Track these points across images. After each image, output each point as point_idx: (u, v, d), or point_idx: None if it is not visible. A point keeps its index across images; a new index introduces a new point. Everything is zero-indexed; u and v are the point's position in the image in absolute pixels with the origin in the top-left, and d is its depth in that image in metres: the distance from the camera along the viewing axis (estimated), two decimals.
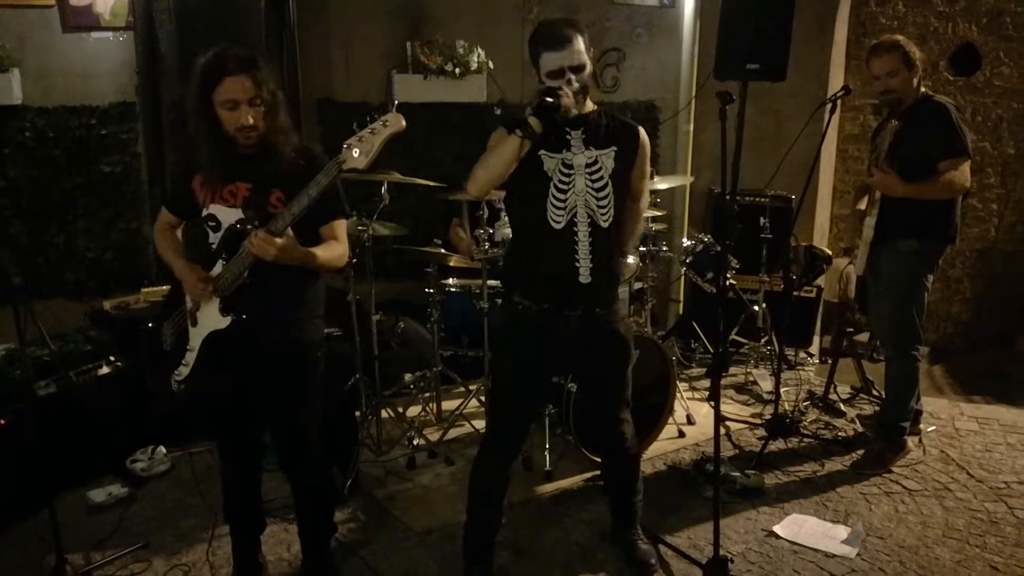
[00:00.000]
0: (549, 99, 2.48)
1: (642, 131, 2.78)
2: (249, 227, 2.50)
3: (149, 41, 4.59)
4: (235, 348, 2.64)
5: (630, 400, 3.04)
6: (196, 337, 2.68)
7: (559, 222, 2.65)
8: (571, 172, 2.65)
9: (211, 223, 2.61)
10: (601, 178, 2.66)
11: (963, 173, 3.59)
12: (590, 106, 2.70)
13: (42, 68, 4.52)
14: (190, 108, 2.55)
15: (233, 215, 2.57)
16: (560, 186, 2.64)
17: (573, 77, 2.57)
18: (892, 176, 3.60)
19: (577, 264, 2.67)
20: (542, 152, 2.62)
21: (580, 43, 2.59)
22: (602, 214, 2.67)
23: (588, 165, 2.66)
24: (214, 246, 2.62)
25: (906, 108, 3.67)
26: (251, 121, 2.49)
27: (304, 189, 2.45)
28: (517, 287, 2.81)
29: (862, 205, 3.94)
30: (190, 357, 2.70)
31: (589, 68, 2.62)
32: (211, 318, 2.63)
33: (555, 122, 2.54)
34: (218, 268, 2.60)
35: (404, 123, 2.41)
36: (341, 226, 2.70)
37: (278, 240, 2.43)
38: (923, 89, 3.72)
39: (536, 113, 2.50)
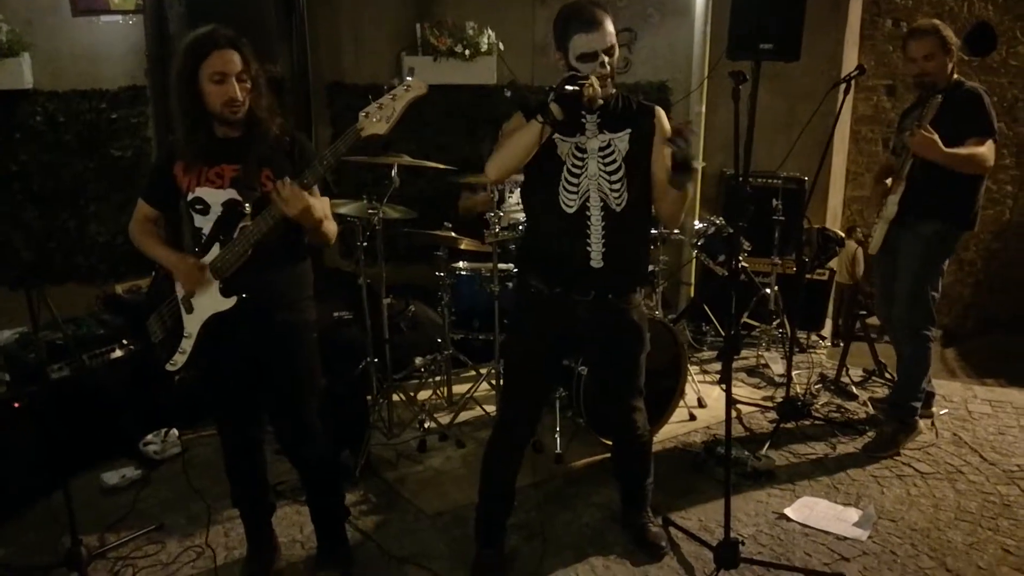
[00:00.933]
0: (570, 87, 2.43)
1: (660, 110, 2.73)
2: (248, 206, 2.51)
3: (159, 24, 4.58)
4: (237, 328, 2.63)
5: (643, 388, 3.03)
6: (193, 323, 2.66)
7: (571, 206, 2.64)
8: (584, 156, 2.63)
9: (198, 206, 2.59)
10: (614, 161, 2.64)
11: (989, 150, 3.57)
12: (610, 90, 2.65)
13: (52, 52, 4.51)
14: (174, 86, 2.54)
15: (222, 196, 2.56)
16: (573, 170, 2.63)
17: (607, 59, 2.54)
18: (934, 137, 3.49)
19: (589, 249, 2.66)
20: (556, 136, 2.59)
21: (611, 25, 2.56)
22: (615, 198, 2.64)
23: (601, 149, 2.63)
24: (204, 231, 2.60)
25: (938, 92, 3.62)
26: (237, 94, 2.49)
27: (318, 157, 2.45)
28: (531, 270, 2.80)
29: (887, 182, 3.90)
30: (187, 344, 2.68)
31: (618, 51, 2.60)
32: (211, 301, 2.62)
33: (578, 109, 2.50)
34: (215, 251, 2.58)
35: (426, 88, 2.41)
36: (327, 203, 2.70)
37: (305, 194, 2.43)
38: (955, 76, 3.69)
39: (558, 100, 2.45)
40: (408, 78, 2.43)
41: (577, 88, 2.42)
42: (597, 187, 2.63)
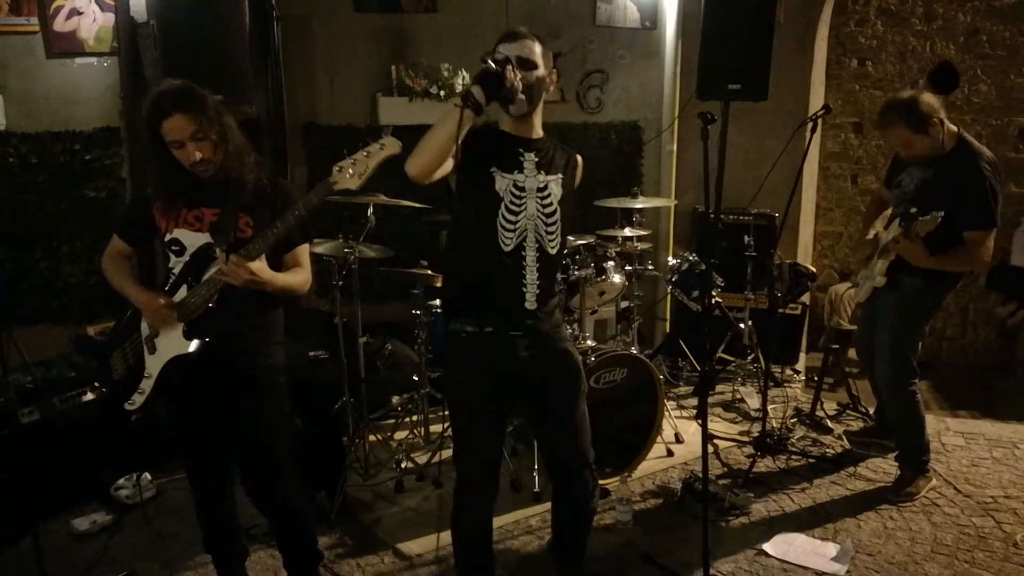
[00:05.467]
0: (492, 64, 2.36)
1: (580, 159, 2.74)
2: (218, 251, 2.51)
3: (134, 66, 4.60)
4: (200, 373, 2.60)
5: (591, 446, 2.79)
6: (154, 364, 2.64)
7: (508, 244, 2.54)
8: (523, 195, 2.55)
9: (174, 248, 2.59)
10: (551, 204, 2.59)
11: (988, 247, 3.46)
12: (541, 132, 2.65)
13: (26, 94, 4.51)
14: (145, 144, 2.55)
15: (199, 239, 2.56)
16: (511, 207, 2.54)
17: (515, 66, 2.43)
18: (920, 248, 3.41)
19: (524, 290, 2.57)
20: (494, 170, 2.53)
21: (535, 47, 2.53)
22: (550, 240, 2.59)
23: (539, 189, 2.57)
24: (174, 271, 2.59)
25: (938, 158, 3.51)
26: (198, 156, 2.49)
27: (289, 209, 2.46)
28: (460, 312, 2.65)
29: (878, 228, 3.86)
30: (146, 385, 2.65)
31: (540, 72, 2.53)
32: (174, 343, 2.59)
33: (499, 96, 2.41)
34: (182, 292, 2.57)
35: (400, 147, 2.42)
36: (304, 252, 2.71)
37: (252, 264, 2.44)
38: (957, 133, 3.51)
39: (478, 81, 2.36)
40: (383, 137, 2.44)
41: (497, 67, 2.35)
42: (534, 227, 2.56)
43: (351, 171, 2.41)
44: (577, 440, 2.75)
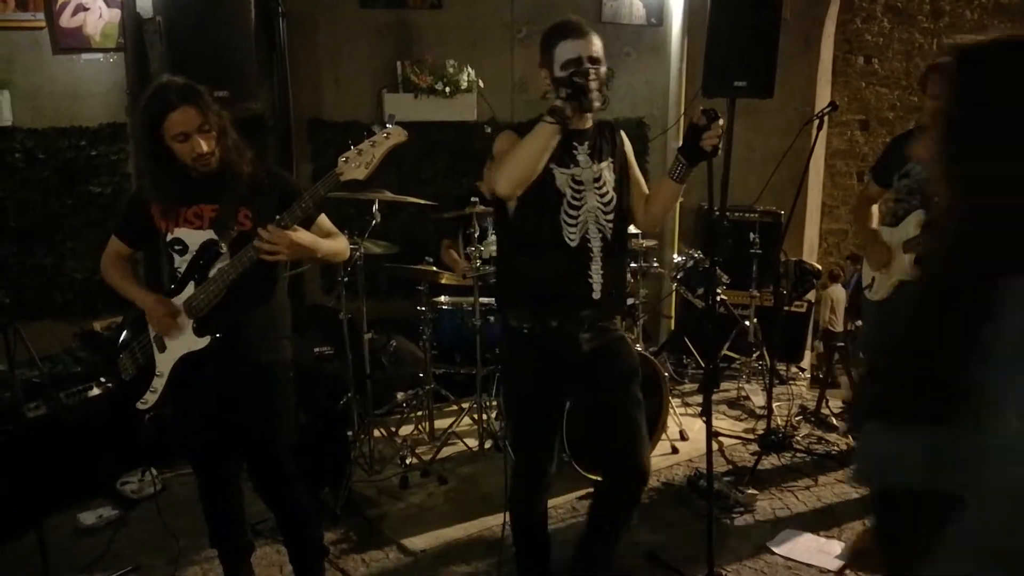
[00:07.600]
0: (578, 80, 2.36)
1: (622, 133, 2.72)
2: (224, 247, 2.51)
3: (140, 62, 4.61)
4: (211, 368, 2.60)
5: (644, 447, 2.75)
6: (165, 362, 2.64)
7: (573, 239, 2.55)
8: (582, 188, 2.55)
9: (177, 247, 2.58)
10: (607, 192, 2.60)
11: None
12: (591, 121, 2.62)
13: (32, 89, 4.52)
14: (141, 144, 2.54)
15: (201, 236, 2.55)
16: (573, 203, 2.54)
17: (591, 68, 2.42)
18: None
19: (591, 280, 2.58)
20: (552, 166, 2.50)
21: (598, 40, 2.51)
22: (609, 228, 2.60)
23: (595, 180, 2.58)
24: (180, 271, 2.59)
25: None
26: (204, 148, 2.47)
27: (297, 201, 2.46)
28: (519, 309, 2.64)
29: (873, 223, 3.83)
30: (158, 383, 2.65)
31: (604, 68, 2.50)
32: (184, 340, 2.59)
33: (583, 107, 2.40)
34: (189, 290, 2.57)
35: (406, 135, 2.43)
36: (326, 221, 2.70)
37: (291, 234, 2.43)
38: None
39: (569, 98, 2.36)
40: (388, 125, 2.44)
41: (582, 81, 2.35)
42: (595, 219, 2.57)
43: (357, 161, 2.41)
44: (637, 412, 2.68)
